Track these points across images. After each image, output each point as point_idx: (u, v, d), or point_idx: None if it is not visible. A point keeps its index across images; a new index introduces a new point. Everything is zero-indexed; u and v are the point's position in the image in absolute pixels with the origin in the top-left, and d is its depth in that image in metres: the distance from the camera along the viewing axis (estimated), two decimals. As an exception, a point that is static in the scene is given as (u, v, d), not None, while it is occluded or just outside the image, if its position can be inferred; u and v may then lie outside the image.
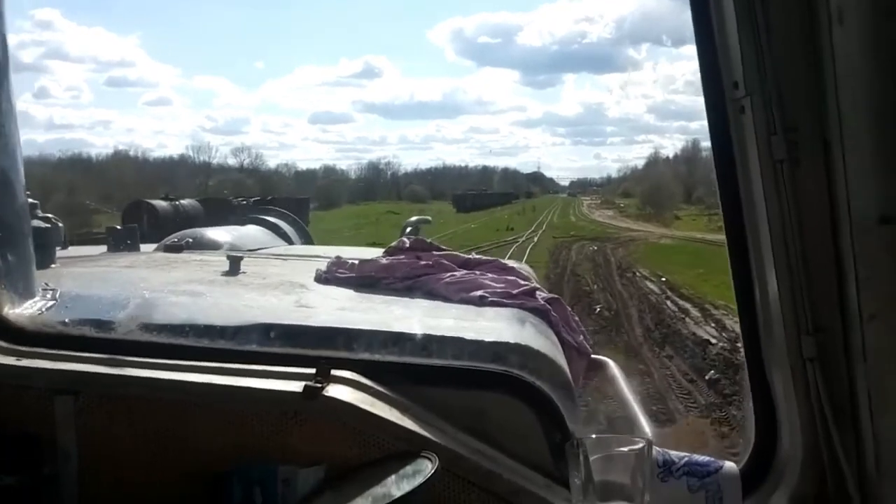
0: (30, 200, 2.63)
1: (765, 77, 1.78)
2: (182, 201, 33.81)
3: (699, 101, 2.00)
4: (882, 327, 1.76)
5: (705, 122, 1.99)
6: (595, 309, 19.14)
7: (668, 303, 19.74)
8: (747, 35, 1.78)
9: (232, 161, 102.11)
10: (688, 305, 18.92)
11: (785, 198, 1.80)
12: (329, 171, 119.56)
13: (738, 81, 1.85)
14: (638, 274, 26.50)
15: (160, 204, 31.80)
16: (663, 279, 23.88)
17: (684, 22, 2.03)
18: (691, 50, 1.99)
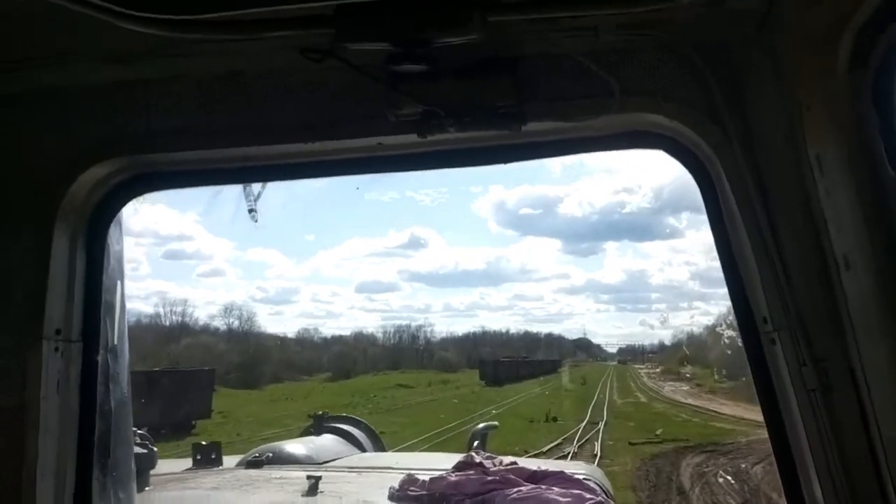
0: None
1: (790, 314, 2.28)
2: None
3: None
4: None
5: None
6: None
7: None
8: (768, 276, 2.32)
9: (219, 323, 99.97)
10: None
11: (822, 423, 2.26)
12: (360, 338, 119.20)
13: (766, 317, 2.36)
14: None
15: None
16: None
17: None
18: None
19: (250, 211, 3.25)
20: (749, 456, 23.96)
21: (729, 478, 21.01)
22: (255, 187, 3.28)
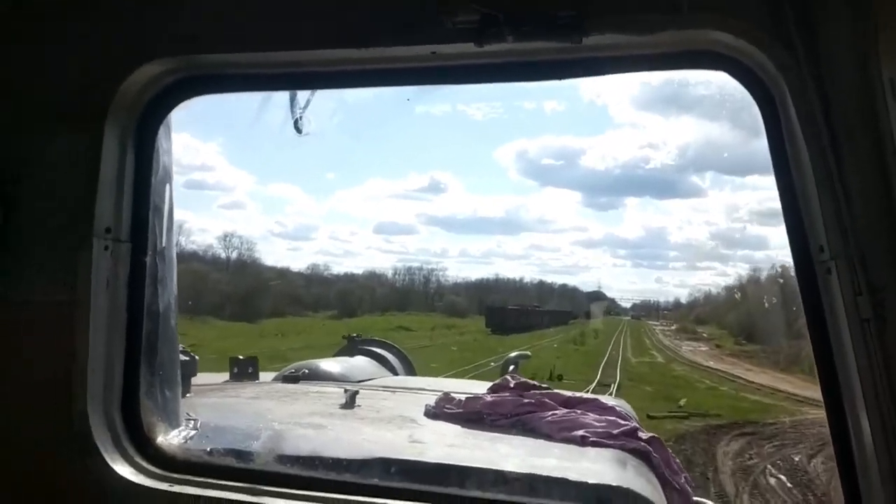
0: None
1: (848, 241, 2.30)
2: None
3: (764, 231, 2.62)
4: None
5: (770, 252, 2.67)
6: None
7: None
8: (828, 202, 2.34)
9: (222, 252, 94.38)
10: None
11: (874, 355, 2.28)
12: (371, 277, 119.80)
13: (823, 245, 2.39)
14: None
15: None
16: None
17: (749, 152, 2.78)
18: (755, 180, 2.76)
19: (296, 121, 3.32)
20: (800, 444, 19.48)
21: (783, 477, 16.06)
22: (303, 97, 3.34)
